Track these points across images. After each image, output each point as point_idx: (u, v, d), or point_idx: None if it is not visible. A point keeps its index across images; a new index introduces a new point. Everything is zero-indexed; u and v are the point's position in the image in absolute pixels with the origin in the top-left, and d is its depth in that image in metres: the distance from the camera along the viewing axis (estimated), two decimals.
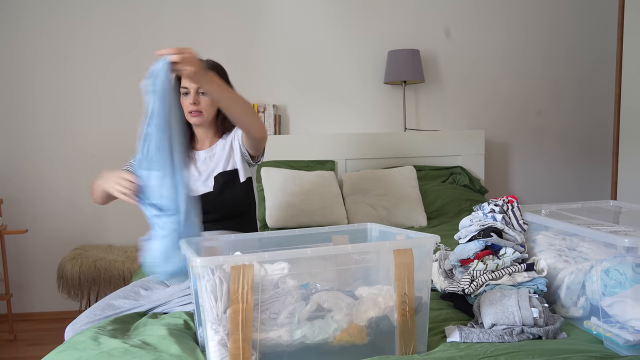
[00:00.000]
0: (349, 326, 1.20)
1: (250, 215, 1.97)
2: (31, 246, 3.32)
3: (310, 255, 1.21)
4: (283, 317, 1.17)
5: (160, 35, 3.33)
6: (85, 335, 1.35)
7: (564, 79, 3.73)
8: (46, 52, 3.28)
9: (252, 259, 1.14)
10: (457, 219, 2.67)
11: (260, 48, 3.44)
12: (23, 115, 3.29)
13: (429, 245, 1.30)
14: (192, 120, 1.89)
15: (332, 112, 3.52)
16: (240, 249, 1.40)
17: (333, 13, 3.49)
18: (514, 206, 1.70)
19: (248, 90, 3.37)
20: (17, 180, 3.29)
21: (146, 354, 1.22)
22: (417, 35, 3.55)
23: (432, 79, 3.60)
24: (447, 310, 1.57)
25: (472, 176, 3.32)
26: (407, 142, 3.37)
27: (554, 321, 1.40)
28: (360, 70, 3.53)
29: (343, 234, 1.51)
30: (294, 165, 3.16)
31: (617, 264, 1.35)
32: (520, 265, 1.57)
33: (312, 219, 2.81)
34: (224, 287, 1.14)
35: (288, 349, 1.17)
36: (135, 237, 3.25)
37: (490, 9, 3.62)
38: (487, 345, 1.28)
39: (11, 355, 2.84)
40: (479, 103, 3.66)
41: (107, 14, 3.30)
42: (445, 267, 1.72)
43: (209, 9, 3.38)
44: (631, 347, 1.24)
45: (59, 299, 3.21)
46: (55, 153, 3.31)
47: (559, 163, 3.77)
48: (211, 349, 1.17)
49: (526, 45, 3.67)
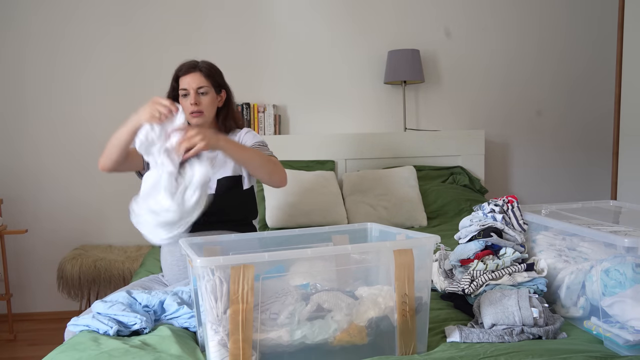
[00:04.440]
0: (349, 326, 1.20)
1: (249, 222, 1.95)
2: (31, 246, 3.32)
3: (310, 255, 1.21)
4: (283, 318, 1.17)
5: (160, 36, 3.33)
6: (85, 335, 1.35)
7: (564, 79, 3.72)
8: (46, 53, 3.27)
9: (251, 259, 1.14)
10: (457, 219, 2.67)
11: (261, 48, 3.44)
12: (23, 116, 3.28)
13: (429, 245, 1.31)
14: (192, 121, 1.88)
15: (332, 112, 3.52)
16: (241, 249, 1.39)
17: (333, 13, 3.49)
18: (514, 206, 1.70)
19: (248, 90, 3.39)
20: (17, 180, 3.29)
21: (146, 354, 1.22)
22: (417, 35, 3.55)
23: (432, 79, 3.60)
24: (447, 310, 1.57)
25: (472, 176, 3.32)
26: (407, 142, 3.37)
27: (554, 321, 1.40)
28: (360, 70, 3.53)
29: (343, 234, 1.51)
30: (294, 165, 3.16)
31: (617, 264, 1.35)
32: (520, 265, 1.57)
33: (312, 219, 2.81)
34: (224, 288, 1.14)
35: (288, 349, 1.17)
36: (135, 237, 3.27)
37: (490, 9, 3.61)
38: (487, 345, 1.28)
39: (11, 355, 2.84)
40: (479, 103, 3.66)
41: (106, 13, 3.30)
42: (445, 267, 1.72)
43: (209, 8, 3.37)
44: (631, 347, 1.24)
45: (59, 299, 3.20)
46: (55, 153, 3.31)
47: (559, 163, 3.77)
48: (211, 349, 1.17)
49: (526, 45, 3.66)
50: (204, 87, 1.86)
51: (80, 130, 3.32)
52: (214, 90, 1.89)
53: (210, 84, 1.88)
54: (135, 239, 3.31)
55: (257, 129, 3.33)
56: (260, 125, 3.34)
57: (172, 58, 3.24)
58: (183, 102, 1.87)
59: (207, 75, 1.87)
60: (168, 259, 1.81)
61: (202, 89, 1.86)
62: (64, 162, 3.32)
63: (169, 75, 1.95)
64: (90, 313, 1.57)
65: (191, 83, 1.85)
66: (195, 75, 1.86)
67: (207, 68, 1.89)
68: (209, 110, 1.89)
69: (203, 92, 1.86)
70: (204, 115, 1.87)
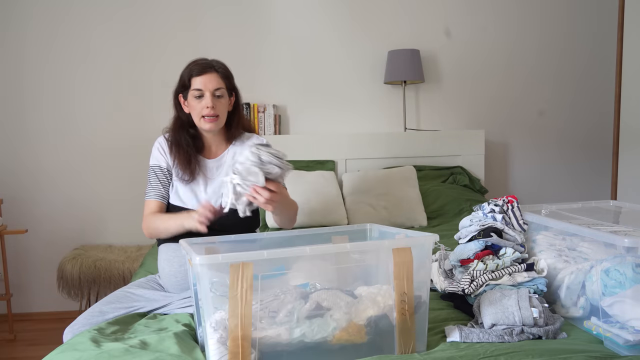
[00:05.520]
0: (348, 325, 1.20)
1: (252, 231, 1.87)
2: (31, 246, 3.32)
3: (309, 253, 1.21)
4: (282, 316, 1.17)
5: (161, 36, 3.33)
6: (84, 336, 1.35)
7: (564, 79, 3.72)
8: (45, 53, 3.27)
9: (250, 257, 1.14)
10: (457, 219, 2.66)
11: (261, 48, 3.44)
12: (23, 116, 3.28)
13: (428, 244, 1.30)
14: (206, 126, 1.75)
15: (332, 112, 3.52)
16: (240, 249, 1.39)
17: (333, 13, 3.49)
18: (514, 206, 1.70)
19: (248, 90, 3.36)
20: (17, 180, 3.29)
21: (146, 354, 1.22)
22: (417, 35, 3.55)
23: (432, 79, 3.60)
24: (447, 310, 1.57)
25: (472, 176, 3.32)
26: (407, 142, 3.37)
27: (554, 321, 1.39)
28: (361, 70, 3.53)
29: (343, 235, 1.50)
30: (294, 165, 3.16)
31: (617, 264, 1.34)
32: (520, 265, 1.57)
33: (312, 219, 2.81)
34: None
35: (287, 347, 1.17)
36: (136, 237, 3.28)
37: (491, 9, 3.61)
38: (487, 345, 1.28)
39: (11, 355, 2.84)
40: (479, 103, 3.66)
41: (106, 14, 3.30)
42: (445, 267, 1.72)
43: (209, 8, 3.37)
44: (631, 347, 1.24)
45: (58, 299, 3.20)
46: (55, 153, 3.31)
47: (559, 163, 3.76)
48: (210, 347, 1.17)
49: (526, 45, 3.66)
50: (221, 89, 1.75)
51: (80, 130, 3.32)
52: (227, 93, 1.80)
53: (225, 87, 1.78)
54: (135, 239, 3.31)
55: (257, 129, 3.33)
56: (260, 125, 3.34)
57: (172, 58, 3.29)
58: (195, 103, 1.75)
59: (223, 77, 1.77)
60: (166, 268, 1.76)
61: (219, 90, 1.75)
62: (64, 162, 3.32)
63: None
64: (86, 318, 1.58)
65: (207, 84, 1.73)
66: (212, 76, 1.74)
67: (223, 68, 1.79)
68: (223, 114, 1.79)
69: (219, 95, 1.75)
70: (219, 120, 1.77)
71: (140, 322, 1.51)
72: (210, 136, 1.85)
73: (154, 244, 2.59)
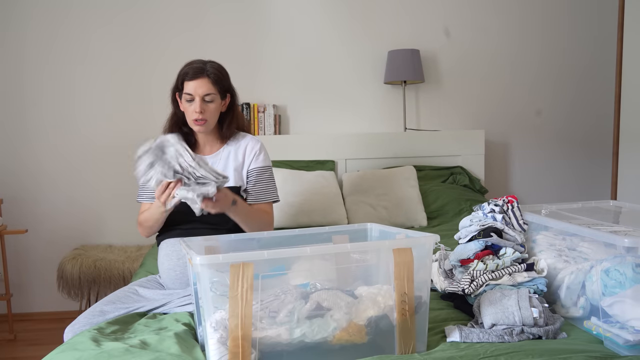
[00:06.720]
0: (349, 325, 1.20)
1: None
2: (31, 246, 3.32)
3: (309, 253, 1.21)
4: (282, 316, 1.17)
5: (160, 35, 3.33)
6: (85, 335, 1.35)
7: (564, 79, 3.72)
8: (45, 53, 3.27)
9: (250, 257, 1.14)
10: (457, 219, 2.67)
11: (261, 48, 3.44)
12: (23, 116, 3.28)
13: (429, 244, 1.30)
14: (196, 128, 1.83)
15: (332, 112, 3.52)
16: (240, 249, 1.39)
17: (333, 13, 3.49)
18: (514, 206, 1.70)
19: (248, 90, 3.38)
20: (17, 180, 3.29)
21: (146, 354, 1.22)
22: (417, 35, 3.55)
23: (432, 79, 3.60)
24: (447, 310, 1.57)
25: (472, 176, 3.32)
26: (407, 142, 3.37)
27: (554, 321, 1.39)
28: (360, 70, 3.53)
29: (343, 234, 1.50)
30: (294, 165, 3.16)
31: (617, 264, 1.34)
32: (520, 265, 1.57)
33: (312, 219, 2.81)
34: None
35: (287, 347, 1.17)
36: (136, 237, 3.28)
37: (490, 9, 3.61)
38: (487, 345, 1.28)
39: (11, 355, 2.84)
40: (479, 103, 3.66)
41: (105, 14, 3.30)
42: (445, 267, 1.72)
43: (210, 8, 3.37)
44: (631, 347, 1.24)
45: (58, 299, 3.20)
46: (55, 153, 3.31)
47: (559, 163, 3.76)
48: (211, 347, 1.17)
49: (526, 45, 3.66)
50: (211, 95, 1.80)
51: (80, 130, 3.32)
52: (219, 96, 1.84)
53: (217, 91, 1.81)
54: (135, 239, 3.31)
55: (257, 129, 3.33)
56: (260, 125, 3.34)
57: (172, 58, 3.28)
58: (187, 106, 1.82)
59: (214, 82, 1.80)
60: (165, 263, 1.78)
61: (209, 96, 1.79)
62: (64, 162, 3.32)
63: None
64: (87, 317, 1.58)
65: (198, 89, 1.78)
66: (203, 82, 1.78)
67: (215, 73, 1.82)
68: (213, 118, 1.84)
69: (209, 100, 1.80)
70: (207, 124, 1.83)
71: (140, 322, 1.51)
72: (203, 136, 1.92)
73: (153, 244, 2.59)
